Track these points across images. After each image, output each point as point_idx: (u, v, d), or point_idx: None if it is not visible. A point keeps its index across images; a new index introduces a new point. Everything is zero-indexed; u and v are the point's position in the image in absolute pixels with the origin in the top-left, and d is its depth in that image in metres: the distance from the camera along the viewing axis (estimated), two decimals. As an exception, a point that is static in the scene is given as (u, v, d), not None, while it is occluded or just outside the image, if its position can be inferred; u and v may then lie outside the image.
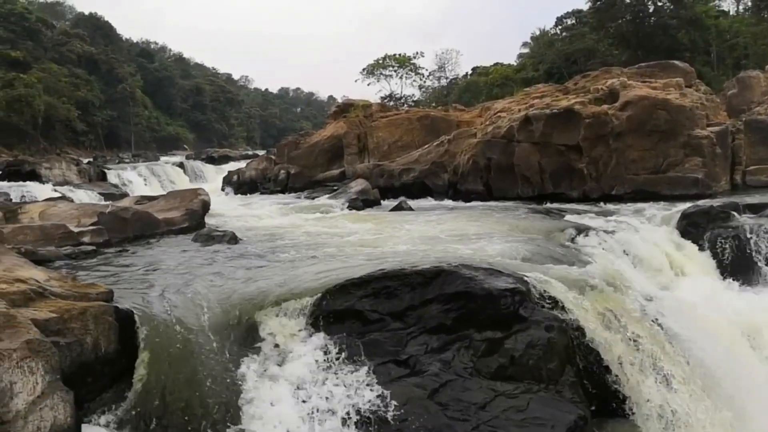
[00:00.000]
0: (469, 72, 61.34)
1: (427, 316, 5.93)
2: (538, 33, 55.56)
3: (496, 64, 55.40)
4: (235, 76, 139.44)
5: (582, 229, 10.16)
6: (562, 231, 10.05)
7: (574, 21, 50.15)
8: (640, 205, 14.31)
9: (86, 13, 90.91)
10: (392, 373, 5.48)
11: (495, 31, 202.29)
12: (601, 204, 15.42)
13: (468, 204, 17.03)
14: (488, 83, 48.31)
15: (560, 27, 51.70)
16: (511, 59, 61.74)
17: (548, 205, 15.50)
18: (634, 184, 16.14)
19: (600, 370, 5.85)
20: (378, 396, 5.19)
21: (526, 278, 6.37)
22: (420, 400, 5.20)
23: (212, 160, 42.55)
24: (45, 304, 4.82)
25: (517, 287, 6.07)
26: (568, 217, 12.25)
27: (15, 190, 20.79)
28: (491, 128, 18.29)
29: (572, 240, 9.64)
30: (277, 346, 5.67)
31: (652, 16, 40.84)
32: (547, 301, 6.21)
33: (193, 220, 11.71)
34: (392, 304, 6.04)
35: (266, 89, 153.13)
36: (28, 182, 23.00)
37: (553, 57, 44.94)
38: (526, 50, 59.19)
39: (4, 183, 22.88)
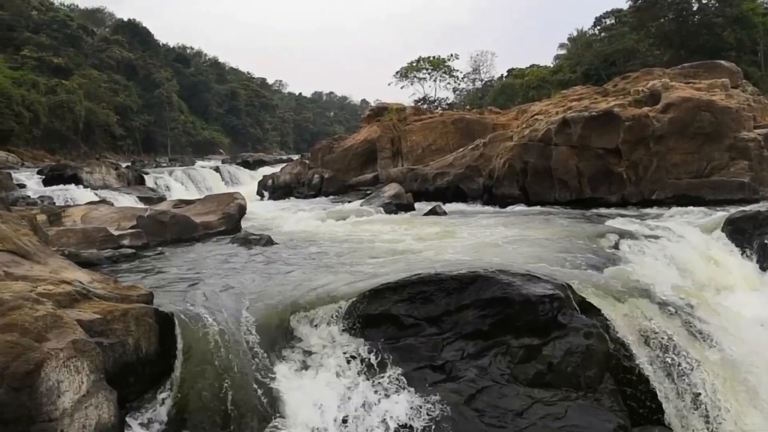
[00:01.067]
0: (505, 74, 60.99)
1: (464, 321, 5.87)
2: (575, 34, 54.98)
3: (532, 65, 54.99)
4: (270, 81, 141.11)
5: (622, 235, 9.91)
6: (601, 236, 9.83)
7: (613, 21, 49.45)
8: (682, 209, 13.92)
9: (125, 19, 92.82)
10: (428, 379, 5.45)
11: (531, 33, 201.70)
12: (641, 209, 15.06)
13: (503, 208, 16.83)
14: (524, 85, 47.90)
15: (599, 27, 51.01)
16: (547, 61, 61.41)
17: (586, 210, 15.23)
18: (676, 188, 15.73)
19: (640, 378, 5.69)
20: (413, 401, 5.16)
21: (564, 284, 6.25)
22: (456, 406, 5.16)
23: (247, 165, 42.93)
24: (89, 305, 4.89)
25: (555, 293, 5.97)
26: (607, 222, 11.96)
27: (58, 193, 21.17)
28: (528, 131, 18.05)
29: (612, 246, 9.42)
30: (311, 349, 5.68)
31: (696, 15, 39.91)
32: (586, 307, 6.09)
33: (229, 223, 11.80)
34: (428, 309, 5.99)
35: (300, 93, 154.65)
36: (69, 186, 23.38)
37: (591, 58, 44.31)
38: (562, 51, 58.66)
39: (48, 187, 23.37)
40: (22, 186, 22.95)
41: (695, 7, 40.30)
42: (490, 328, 5.79)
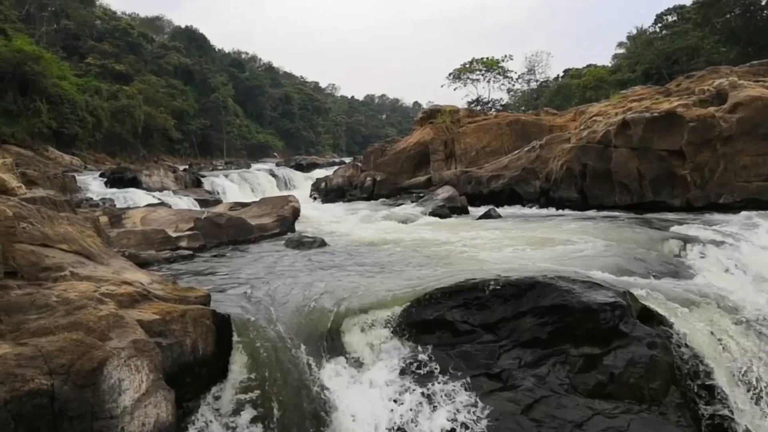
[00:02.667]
0: (561, 74, 59.96)
1: (521, 329, 5.75)
2: (635, 32, 53.40)
3: (589, 65, 53.76)
4: (322, 84, 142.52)
5: (687, 241, 9.55)
6: (665, 242, 9.50)
7: (675, 18, 47.88)
8: (751, 214, 13.30)
9: (183, 26, 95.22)
10: (484, 387, 5.35)
11: (588, 32, 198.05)
12: (707, 213, 14.48)
13: (561, 212, 16.53)
14: (581, 86, 46.89)
15: (660, 24, 49.40)
16: (605, 60, 60.01)
17: (648, 214, 14.76)
18: (745, 192, 15.09)
19: (713, 394, 5.45)
20: (469, 410, 5.08)
21: (626, 292, 6.05)
22: (513, 416, 5.06)
23: (301, 168, 43.37)
24: (149, 306, 4.98)
25: (617, 301, 5.79)
26: (671, 227, 11.55)
27: (118, 195, 21.81)
28: (586, 133, 17.66)
29: (677, 252, 9.09)
30: (364, 355, 5.64)
31: (765, 10, 38.20)
32: (650, 316, 5.87)
33: (284, 226, 11.92)
34: (484, 316, 5.89)
35: (352, 96, 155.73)
36: (129, 188, 24.08)
37: (651, 57, 42.94)
38: (621, 50, 57.03)
39: (109, 189, 24.11)
40: (86, 188, 23.72)
41: (764, 1, 38.57)
42: (548, 336, 5.65)
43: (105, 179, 26.96)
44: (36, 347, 3.87)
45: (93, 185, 25.22)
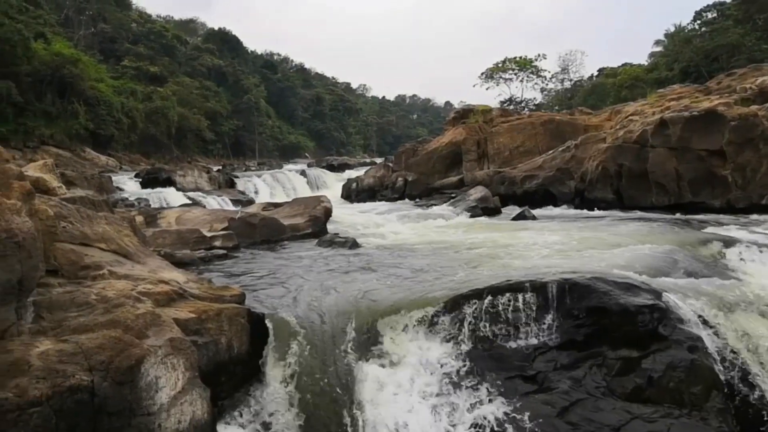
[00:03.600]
0: (595, 73, 59.29)
1: (557, 330, 5.72)
2: (673, 29, 52.42)
3: (625, 64, 53.08)
4: (354, 85, 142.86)
5: (729, 242, 9.31)
6: (705, 243, 9.28)
7: (715, 14, 46.99)
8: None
9: (216, 28, 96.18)
10: (519, 389, 5.33)
11: (623, 30, 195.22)
12: (749, 215, 14.09)
13: (596, 213, 16.28)
14: (616, 85, 46.25)
15: (699, 21, 48.51)
16: (641, 59, 59.02)
17: (687, 215, 14.47)
18: (790, 193, 14.67)
19: (762, 401, 5.32)
20: (504, 412, 5.07)
21: (666, 294, 5.93)
22: (549, 418, 5.03)
23: (332, 168, 43.52)
24: (185, 304, 5.04)
25: (656, 303, 5.71)
26: (710, 228, 11.30)
27: (153, 196, 22.11)
28: (622, 132, 17.39)
29: (718, 254, 8.86)
30: (398, 355, 5.64)
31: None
32: (690, 319, 5.74)
33: (316, 226, 11.95)
34: (519, 317, 5.84)
35: (383, 97, 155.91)
36: (164, 189, 24.40)
37: (690, 55, 42.14)
38: (658, 49, 56.10)
39: (144, 190, 24.48)
40: (121, 189, 24.11)
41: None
42: (584, 338, 5.61)
43: (140, 180, 27.35)
44: (76, 344, 3.95)
45: (128, 185, 25.65)
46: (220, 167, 44.68)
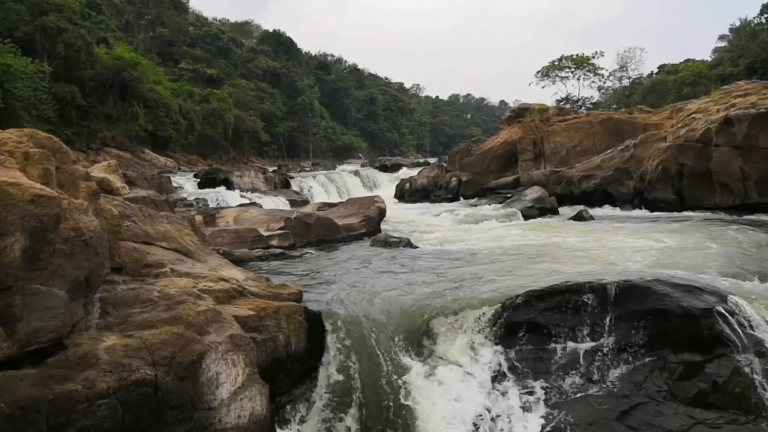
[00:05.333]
0: (655, 71, 57.60)
1: (616, 333, 5.58)
2: (738, 23, 50.48)
3: (687, 60, 51.39)
4: (407, 85, 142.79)
5: (798, 244, 8.96)
6: (772, 245, 8.95)
7: (784, 7, 44.94)
8: None
9: (270, 30, 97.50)
10: (576, 391, 5.25)
11: (685, 25, 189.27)
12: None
13: (656, 213, 15.91)
14: (677, 82, 44.84)
15: (766, 15, 46.52)
16: (704, 55, 57.10)
17: (753, 216, 13.95)
18: None
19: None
20: (561, 414, 4.96)
21: (731, 297, 5.73)
22: (607, 422, 4.95)
23: (385, 168, 43.49)
24: (244, 302, 5.16)
25: (720, 307, 5.51)
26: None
27: (211, 196, 22.56)
28: (684, 131, 16.89)
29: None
30: (452, 355, 5.63)
31: None
32: (757, 323, 5.53)
33: (370, 226, 12.02)
34: (577, 319, 5.73)
35: (437, 96, 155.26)
36: (221, 189, 24.87)
37: (756, 50, 40.44)
38: (722, 44, 54.05)
39: (202, 190, 25.01)
40: (180, 189, 24.69)
41: None
42: (645, 342, 5.47)
43: (198, 180, 27.94)
44: (141, 339, 4.07)
45: (187, 186, 26.25)
46: (276, 168, 45.31)
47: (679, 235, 10.58)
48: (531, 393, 5.23)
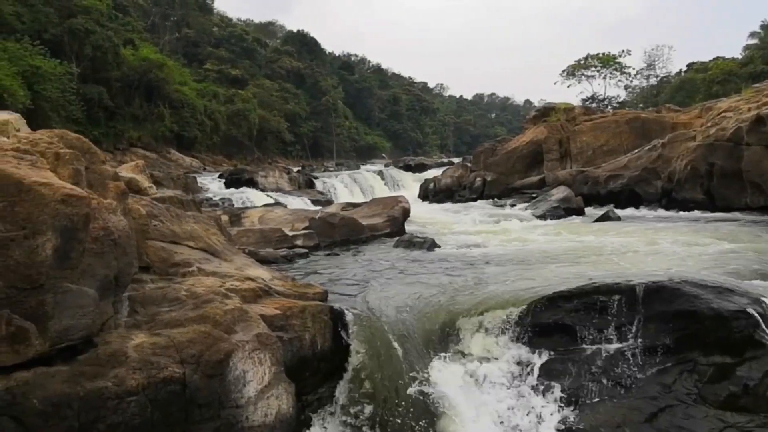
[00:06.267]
0: (683, 69, 56.76)
1: (644, 335, 5.49)
2: (770, 20, 49.48)
3: (716, 58, 50.54)
4: (431, 85, 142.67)
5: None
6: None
7: (819, 3, 43.99)
8: None
9: (294, 30, 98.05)
10: (604, 393, 5.20)
11: (715, 23, 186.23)
12: None
13: (685, 214, 15.71)
14: (706, 80, 44.16)
15: (800, 12, 45.54)
16: (734, 52, 56.08)
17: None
18: None
19: None
20: (587, 416, 4.92)
21: (764, 299, 5.62)
22: (635, 425, 4.89)
23: (409, 168, 43.46)
24: (270, 301, 5.20)
25: (752, 308, 5.40)
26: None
27: (236, 196, 22.76)
28: (714, 130, 16.64)
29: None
30: (477, 356, 5.60)
31: None
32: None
33: (394, 226, 12.02)
34: (604, 320, 5.66)
35: (461, 96, 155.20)
36: (246, 189, 25.08)
37: (789, 47, 39.73)
38: (753, 41, 53.05)
39: (227, 190, 25.24)
40: (206, 189, 24.93)
41: None
42: (674, 343, 5.38)
43: (223, 180, 28.21)
44: (169, 338, 4.12)
45: (212, 186, 26.49)
46: (300, 168, 45.53)
47: (707, 236, 10.43)
48: (557, 394, 5.18)
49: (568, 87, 53.84)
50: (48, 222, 3.65)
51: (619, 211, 15.57)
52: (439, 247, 10.21)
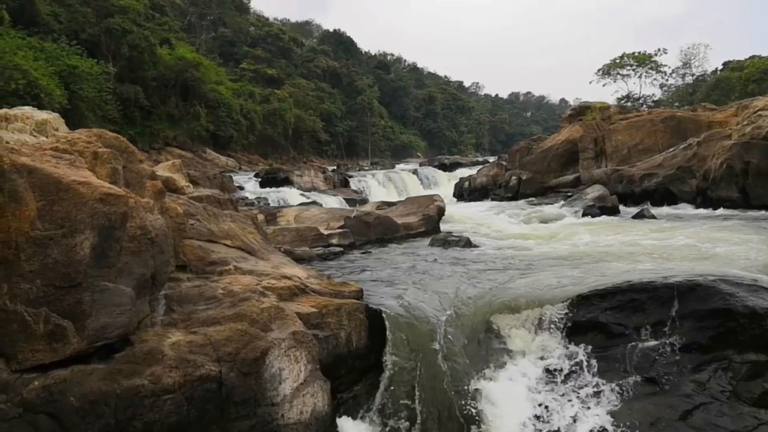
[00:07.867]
0: (719, 67, 55.42)
1: (679, 332, 5.46)
2: (809, 17, 48.13)
3: (753, 56, 49.32)
4: (466, 84, 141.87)
5: None
6: None
7: None
8: None
9: (330, 30, 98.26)
10: (638, 391, 5.19)
11: (752, 21, 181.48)
12: None
13: (720, 212, 15.46)
14: (743, 79, 43.15)
15: (837, 9, 44.26)
16: (771, 51, 54.49)
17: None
18: None
19: None
20: (623, 414, 4.91)
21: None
22: (669, 422, 4.87)
23: (444, 167, 43.29)
24: (306, 299, 5.23)
25: (788, 307, 5.28)
26: None
27: (272, 195, 22.93)
28: (750, 128, 16.30)
29: None
30: (513, 355, 5.61)
31: None
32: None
33: (429, 225, 12.02)
34: (639, 318, 5.65)
35: (496, 95, 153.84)
36: (282, 188, 25.23)
37: (826, 45, 38.57)
38: (792, 38, 51.61)
39: (263, 189, 25.43)
40: (241, 188, 25.16)
41: None
42: (709, 341, 5.35)
43: (259, 179, 28.39)
44: (205, 336, 4.17)
45: (248, 185, 26.70)
46: (335, 167, 45.67)
47: (743, 234, 10.27)
48: (593, 391, 5.18)
49: (603, 86, 52.94)
50: (86, 221, 3.72)
51: (654, 210, 15.39)
52: (475, 245, 10.18)
